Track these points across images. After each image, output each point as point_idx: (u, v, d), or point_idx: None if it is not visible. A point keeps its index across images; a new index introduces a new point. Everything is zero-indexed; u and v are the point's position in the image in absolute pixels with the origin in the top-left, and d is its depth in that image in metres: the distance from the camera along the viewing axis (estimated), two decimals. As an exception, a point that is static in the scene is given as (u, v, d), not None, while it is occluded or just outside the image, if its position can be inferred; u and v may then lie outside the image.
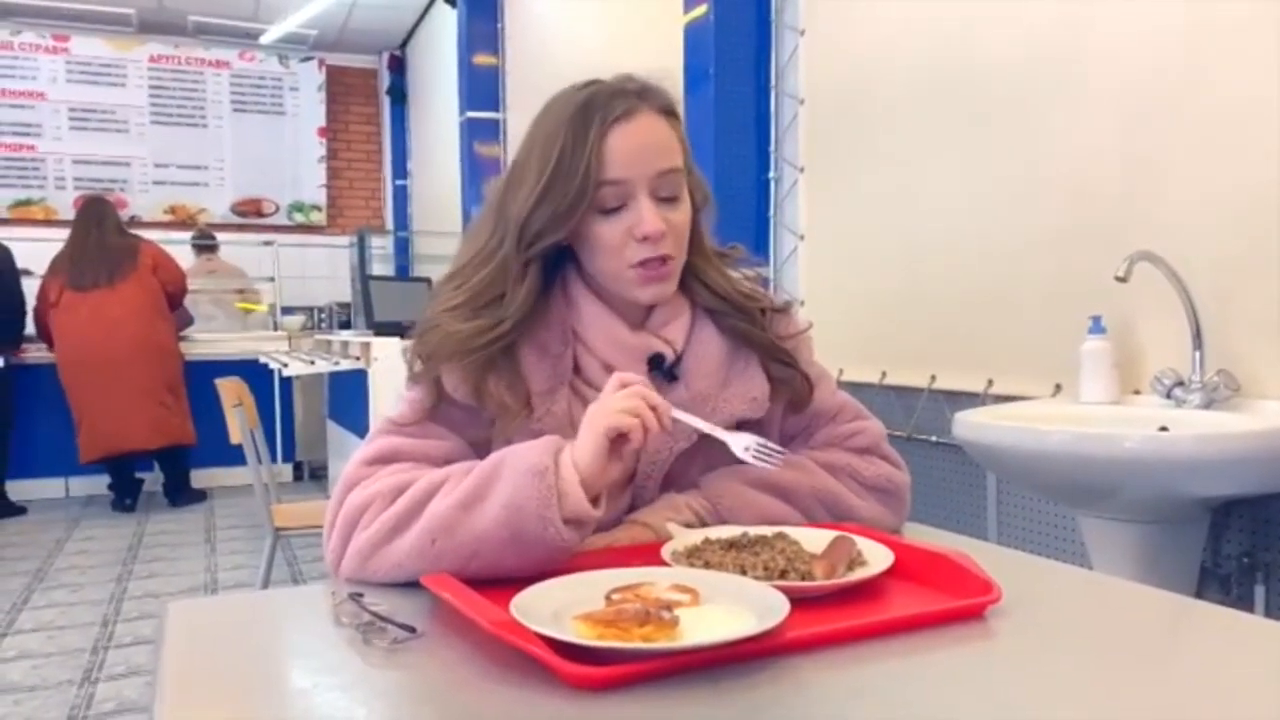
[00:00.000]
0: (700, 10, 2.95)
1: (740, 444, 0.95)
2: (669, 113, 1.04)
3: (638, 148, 0.99)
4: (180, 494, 5.22)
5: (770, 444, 0.96)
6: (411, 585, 0.85)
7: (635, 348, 1.04)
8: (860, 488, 1.07)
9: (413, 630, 0.74)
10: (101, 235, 4.99)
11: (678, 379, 1.05)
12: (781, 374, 1.08)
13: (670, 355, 1.05)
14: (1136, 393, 1.81)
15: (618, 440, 0.87)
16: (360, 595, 0.80)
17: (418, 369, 1.02)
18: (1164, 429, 1.56)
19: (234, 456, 2.92)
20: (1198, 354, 1.66)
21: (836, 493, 1.05)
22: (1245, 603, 1.64)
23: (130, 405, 4.87)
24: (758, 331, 1.08)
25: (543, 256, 1.02)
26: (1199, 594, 1.64)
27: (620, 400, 0.88)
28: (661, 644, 0.66)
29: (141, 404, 4.90)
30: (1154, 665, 0.76)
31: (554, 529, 0.84)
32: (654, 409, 0.88)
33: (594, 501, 0.87)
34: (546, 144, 0.99)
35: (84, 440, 4.92)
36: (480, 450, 0.99)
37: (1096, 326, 1.80)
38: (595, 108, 0.99)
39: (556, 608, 0.73)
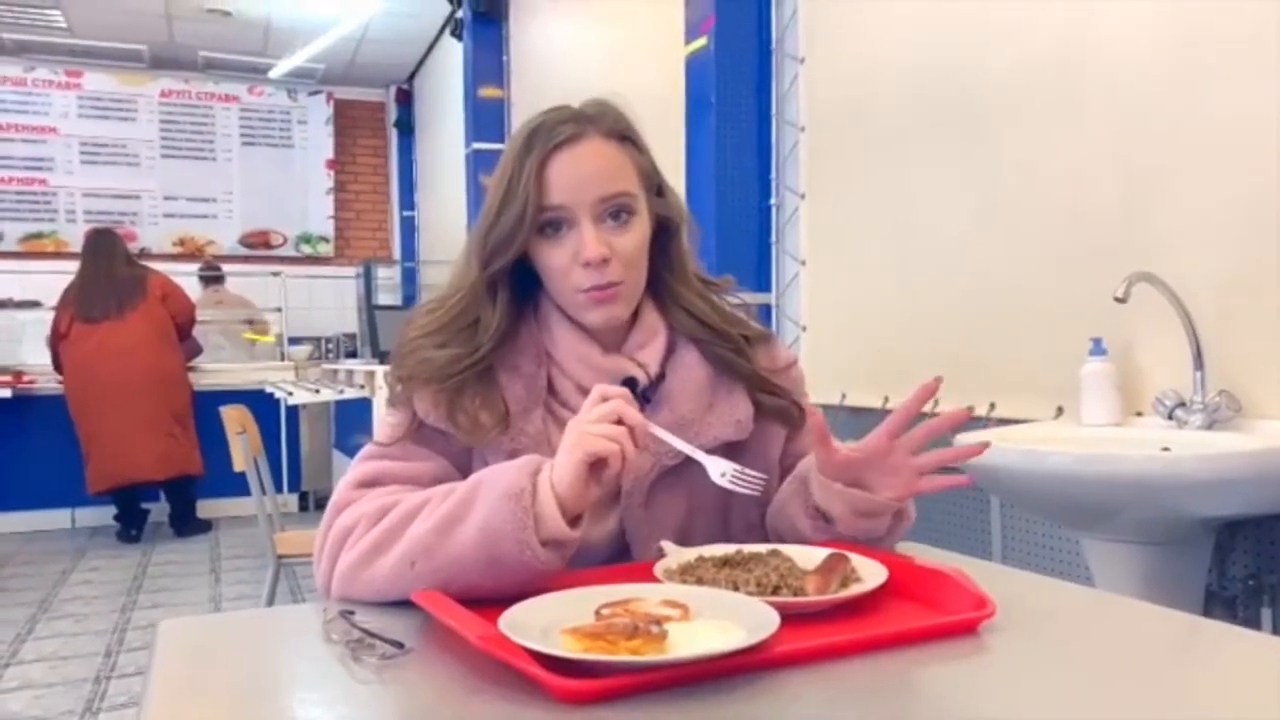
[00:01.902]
0: (701, 42, 2.99)
1: (718, 469, 0.95)
2: (621, 137, 1.04)
3: (580, 173, 1.00)
4: (185, 524, 5.22)
5: (748, 471, 0.95)
6: (402, 602, 0.85)
7: (608, 370, 1.04)
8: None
9: (401, 646, 0.74)
10: (110, 267, 5.03)
11: (650, 402, 1.05)
12: (768, 402, 1.09)
13: (643, 379, 1.05)
14: (1138, 414, 1.80)
15: (596, 464, 0.86)
16: (351, 613, 0.80)
17: (396, 392, 1.04)
18: (1166, 449, 1.55)
19: (240, 486, 2.92)
20: (1199, 374, 1.66)
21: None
22: (1252, 625, 1.62)
23: (138, 436, 4.88)
24: (742, 362, 1.08)
25: (511, 279, 1.04)
26: (1205, 616, 1.62)
27: (597, 424, 0.86)
28: (649, 657, 0.66)
29: (149, 434, 4.91)
30: (1153, 681, 0.74)
31: (530, 552, 0.83)
32: (632, 428, 0.87)
33: (574, 522, 0.86)
34: (502, 170, 1.03)
35: (92, 471, 4.93)
36: (465, 470, 1.00)
37: (1097, 348, 1.80)
38: (540, 134, 1.01)
39: (545, 623, 0.73)
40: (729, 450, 1.05)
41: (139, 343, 4.94)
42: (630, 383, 1.04)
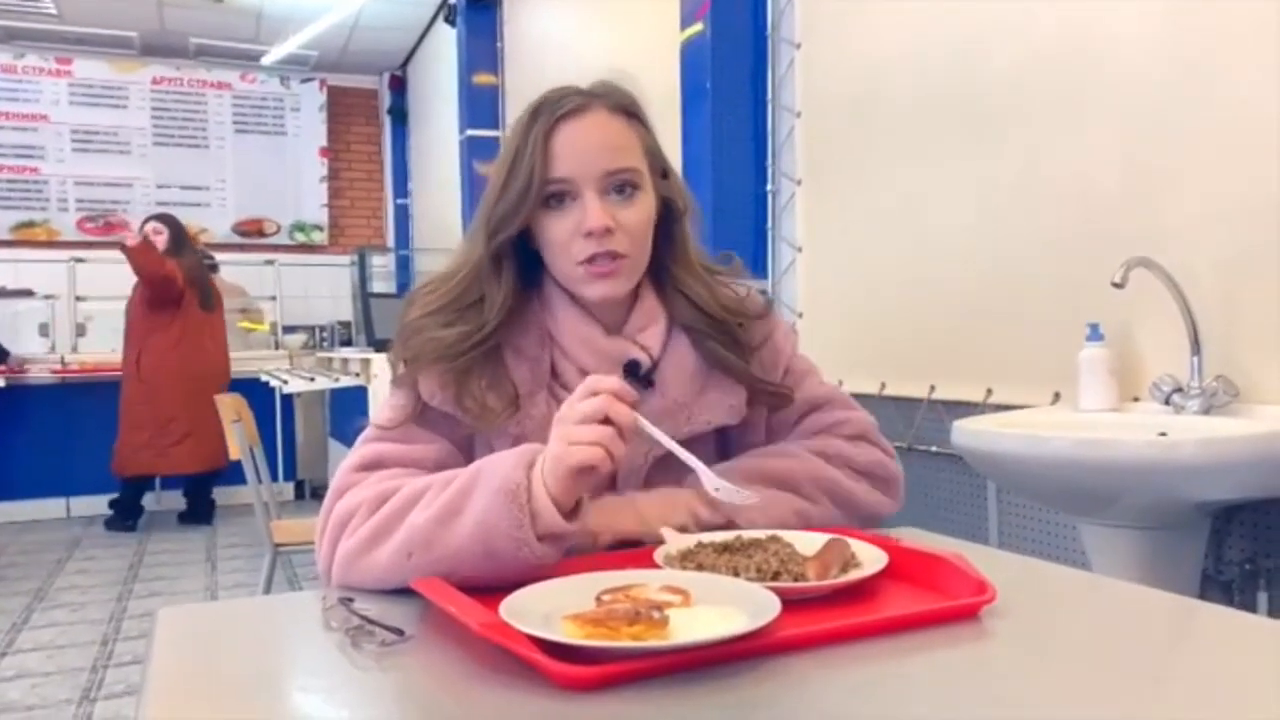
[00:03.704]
0: (697, 28, 2.97)
1: (712, 484, 0.92)
2: (627, 112, 1.04)
3: (584, 145, 1.00)
4: (210, 513, 5.25)
5: (740, 490, 0.92)
6: (402, 589, 0.85)
7: (610, 353, 1.04)
8: (854, 473, 1.06)
9: (401, 633, 0.73)
10: (198, 257, 5.23)
11: (654, 385, 1.04)
12: (757, 391, 1.08)
13: (646, 361, 1.05)
14: (1135, 400, 1.80)
15: (585, 470, 0.83)
16: (350, 600, 0.80)
17: (400, 372, 1.03)
18: (1163, 435, 1.55)
19: (236, 475, 2.92)
20: (1196, 360, 1.66)
21: (833, 478, 1.04)
22: (1248, 609, 1.62)
23: (218, 427, 4.99)
24: (732, 359, 1.06)
25: (515, 257, 1.03)
26: (1201, 600, 1.62)
27: (581, 427, 0.83)
28: (651, 643, 0.66)
29: (221, 426, 5.02)
30: (1152, 664, 0.75)
31: (527, 549, 0.82)
32: (620, 427, 0.84)
33: (571, 514, 0.85)
34: (507, 143, 1.02)
35: (178, 455, 4.95)
36: (467, 453, 0.99)
37: (1094, 334, 1.80)
38: (546, 106, 1.01)
39: (547, 609, 0.72)
40: (720, 431, 1.06)
41: (223, 338, 5.23)
42: (633, 365, 1.04)
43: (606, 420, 0.83)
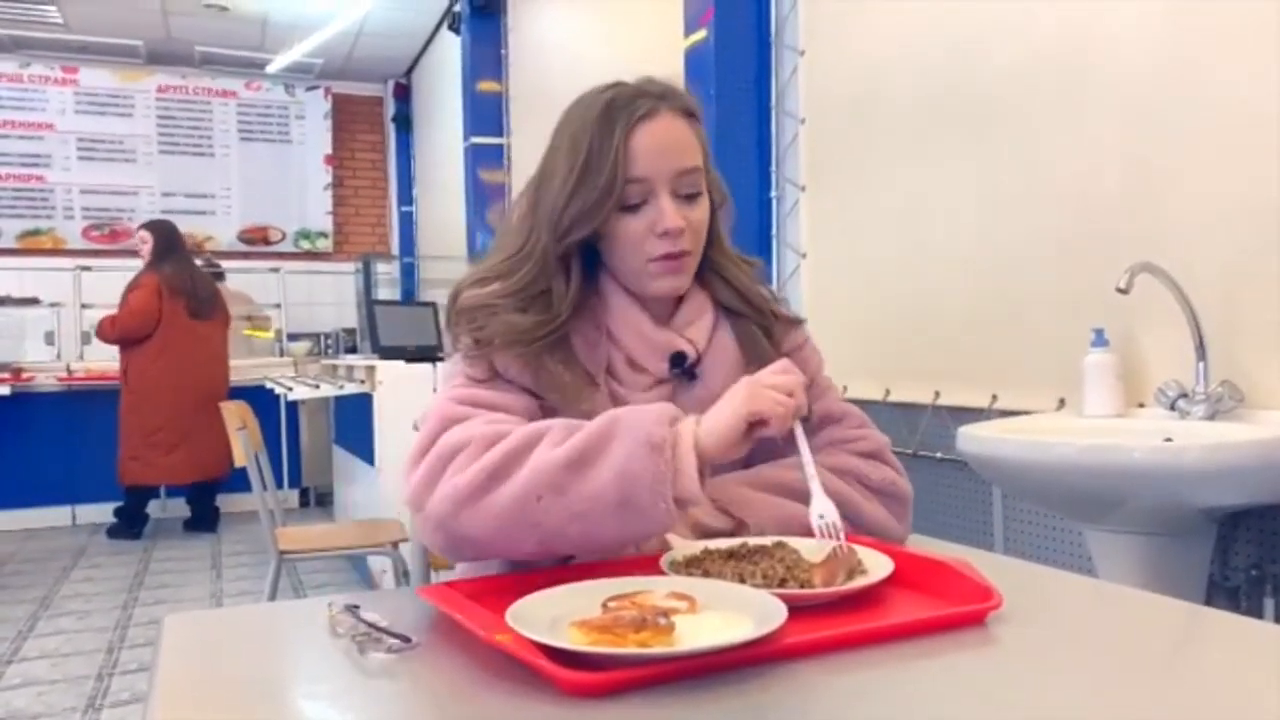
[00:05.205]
0: (700, 34, 2.98)
1: (818, 510, 0.94)
2: (689, 114, 1.08)
3: (659, 146, 1.04)
4: (213, 521, 5.25)
5: (839, 528, 0.93)
6: (407, 597, 0.85)
7: (659, 344, 1.07)
8: (867, 491, 1.07)
9: (408, 640, 0.73)
10: (194, 263, 5.25)
11: (697, 378, 1.08)
12: None
13: (692, 353, 1.08)
14: (1140, 405, 1.79)
15: (756, 424, 0.89)
16: (356, 606, 0.80)
17: (469, 346, 1.04)
18: (1169, 440, 1.55)
19: (241, 483, 2.92)
20: (1201, 365, 1.65)
21: (844, 494, 1.04)
22: (1255, 615, 1.62)
23: (224, 435, 5.02)
24: (765, 347, 1.12)
25: (581, 251, 1.07)
26: (1208, 607, 1.62)
27: (776, 393, 0.89)
28: (657, 650, 0.66)
29: (225, 434, 5.06)
30: (1158, 671, 0.75)
31: (665, 504, 0.85)
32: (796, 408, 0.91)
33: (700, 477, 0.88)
34: (574, 142, 1.05)
35: (180, 460, 4.97)
36: (548, 412, 1.01)
37: (1099, 339, 1.79)
38: (619, 107, 1.04)
39: (553, 616, 0.73)
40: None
41: (224, 346, 5.24)
42: (679, 357, 1.07)
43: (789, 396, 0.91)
